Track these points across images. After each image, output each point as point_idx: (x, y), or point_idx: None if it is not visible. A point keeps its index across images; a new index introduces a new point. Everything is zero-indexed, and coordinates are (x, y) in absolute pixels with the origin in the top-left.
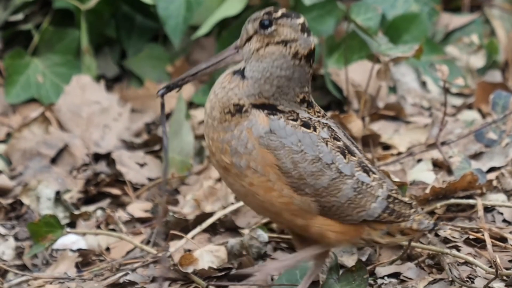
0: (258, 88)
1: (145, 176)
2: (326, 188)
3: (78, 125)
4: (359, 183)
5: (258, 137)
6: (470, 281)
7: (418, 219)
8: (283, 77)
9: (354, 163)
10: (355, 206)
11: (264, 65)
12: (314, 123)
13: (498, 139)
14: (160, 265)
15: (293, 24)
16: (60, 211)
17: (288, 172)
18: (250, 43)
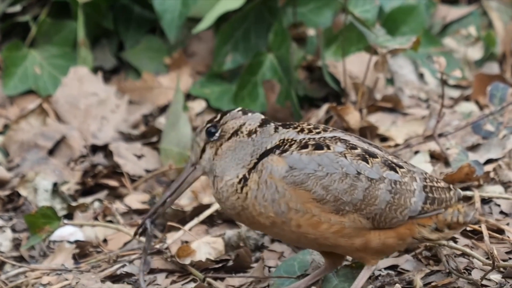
0: (236, 169)
1: (143, 168)
2: (363, 200)
3: (75, 117)
4: (392, 184)
5: (282, 178)
6: (467, 273)
7: (463, 211)
8: (248, 148)
9: (378, 165)
10: (397, 207)
11: (229, 157)
12: (325, 142)
13: (495, 131)
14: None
15: (234, 115)
16: (58, 202)
17: (323, 198)
18: (205, 153)
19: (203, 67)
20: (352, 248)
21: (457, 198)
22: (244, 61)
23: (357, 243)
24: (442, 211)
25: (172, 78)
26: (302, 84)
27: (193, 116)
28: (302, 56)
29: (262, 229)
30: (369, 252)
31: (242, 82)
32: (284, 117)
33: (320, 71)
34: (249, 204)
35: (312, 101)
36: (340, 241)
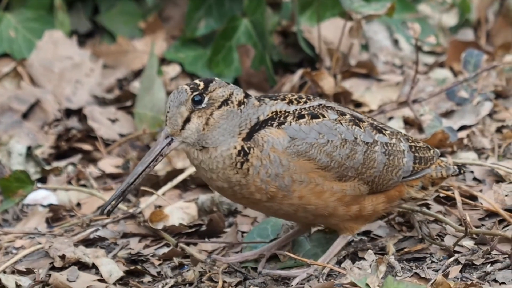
0: (228, 140)
1: (117, 132)
2: (364, 163)
3: (50, 81)
4: (384, 145)
5: (285, 149)
6: (440, 239)
7: (444, 165)
8: (236, 119)
9: (369, 129)
10: (392, 168)
11: (223, 126)
12: (318, 111)
13: (469, 97)
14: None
15: (220, 83)
16: (31, 166)
17: (328, 165)
18: (191, 123)
19: (178, 31)
20: (346, 217)
21: (435, 155)
22: (217, 27)
23: (353, 210)
24: (429, 171)
25: (146, 42)
26: (277, 49)
27: (168, 81)
28: (277, 21)
29: (251, 204)
30: (360, 219)
31: (216, 47)
32: (258, 82)
33: (294, 37)
34: (250, 180)
35: (287, 66)
36: (338, 210)
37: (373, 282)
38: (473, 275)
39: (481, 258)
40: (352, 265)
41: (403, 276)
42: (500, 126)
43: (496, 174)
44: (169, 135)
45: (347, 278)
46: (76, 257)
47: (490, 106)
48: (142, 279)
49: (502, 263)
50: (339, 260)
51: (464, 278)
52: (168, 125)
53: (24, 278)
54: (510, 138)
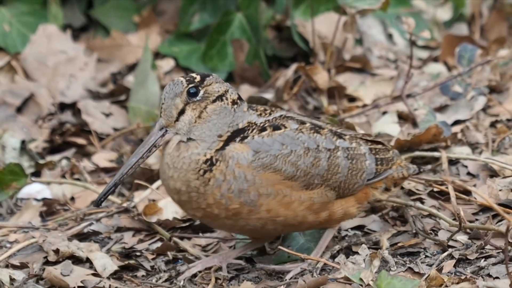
0: (212, 137)
1: (111, 126)
2: (328, 170)
3: (44, 75)
4: (346, 150)
5: (250, 164)
6: (434, 234)
7: (404, 165)
8: (229, 117)
9: (329, 135)
10: (356, 171)
11: (213, 121)
12: (279, 122)
13: (463, 92)
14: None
15: (217, 79)
16: (25, 160)
17: (294, 175)
18: (185, 115)
19: (172, 25)
20: (316, 223)
21: (395, 155)
22: (212, 21)
23: (322, 217)
24: (391, 172)
25: (141, 36)
26: (271, 43)
27: (162, 75)
28: (271, 16)
29: (208, 219)
30: (331, 223)
31: (210, 41)
32: (252, 76)
33: (289, 31)
34: (208, 191)
35: (281, 60)
36: (308, 218)
37: (367, 276)
38: (467, 269)
39: (475, 253)
40: (346, 259)
41: (397, 271)
42: (494, 120)
43: (490, 169)
44: (164, 126)
45: (341, 272)
46: (70, 251)
47: (484, 101)
48: (136, 273)
49: (496, 258)
50: (333, 254)
51: (458, 273)
52: (163, 116)
53: (18, 272)
54: (504, 133)
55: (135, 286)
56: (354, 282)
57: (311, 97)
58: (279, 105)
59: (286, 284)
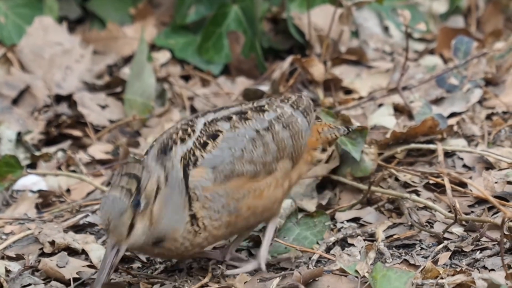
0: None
1: (106, 118)
2: (278, 148)
3: (40, 66)
4: (278, 121)
5: (214, 182)
6: (430, 226)
7: (334, 126)
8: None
9: (255, 115)
10: (297, 134)
11: (168, 212)
12: (211, 130)
13: (459, 84)
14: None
15: (146, 177)
16: (21, 152)
17: (255, 171)
18: (136, 228)
19: (168, 17)
20: (283, 195)
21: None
22: (208, 13)
23: (285, 187)
24: (320, 120)
25: (137, 28)
26: (267, 36)
27: (158, 67)
28: (267, 8)
29: (216, 242)
30: (289, 191)
31: (206, 34)
32: (248, 69)
33: (285, 23)
34: (209, 229)
35: (277, 53)
36: (278, 195)
37: (363, 268)
38: (462, 262)
39: (470, 245)
40: (341, 251)
41: (393, 263)
42: (490, 113)
43: (486, 161)
44: (116, 243)
45: (336, 264)
46: (66, 243)
47: (480, 93)
48: (131, 265)
49: (492, 250)
50: (329, 246)
51: (454, 265)
52: (112, 236)
53: (13, 264)
54: (499, 125)
55: (131, 278)
56: (349, 274)
57: (307, 89)
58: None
59: (282, 276)
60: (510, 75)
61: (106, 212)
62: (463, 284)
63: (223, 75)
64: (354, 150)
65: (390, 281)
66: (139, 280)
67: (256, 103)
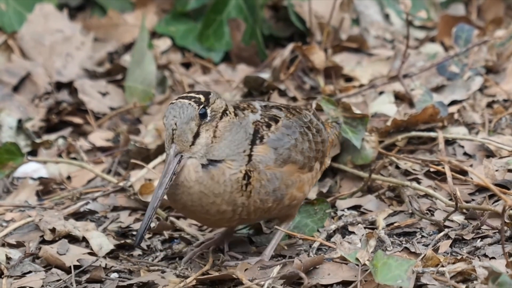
0: (239, 155)
1: (107, 105)
2: (316, 150)
3: (40, 54)
4: (311, 123)
5: (275, 162)
6: (430, 214)
7: (332, 125)
8: (240, 130)
9: (298, 115)
10: (322, 141)
11: (228, 138)
12: (271, 114)
13: (460, 72)
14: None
15: (216, 95)
16: (22, 139)
17: (304, 163)
18: (201, 138)
19: (169, 5)
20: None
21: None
22: (208, 0)
23: (308, 186)
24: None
25: (137, 15)
26: (268, 23)
27: (158, 54)
28: None
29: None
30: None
31: (207, 21)
32: (249, 56)
33: (285, 11)
34: (251, 201)
35: (277, 40)
36: (306, 192)
37: (363, 256)
38: (463, 249)
39: (471, 233)
40: (342, 239)
41: (393, 251)
42: (491, 101)
43: (487, 149)
44: (179, 152)
45: (337, 252)
46: (66, 230)
47: (480, 81)
48: (132, 253)
49: (492, 238)
50: (329, 234)
51: (454, 253)
52: (177, 142)
53: (14, 251)
54: (500, 113)
55: (131, 265)
56: (350, 262)
57: (307, 77)
58: (275, 85)
59: (283, 263)
60: (510, 63)
61: (173, 116)
62: (464, 272)
63: (223, 63)
64: (355, 138)
65: (390, 269)
66: (140, 267)
67: (284, 105)
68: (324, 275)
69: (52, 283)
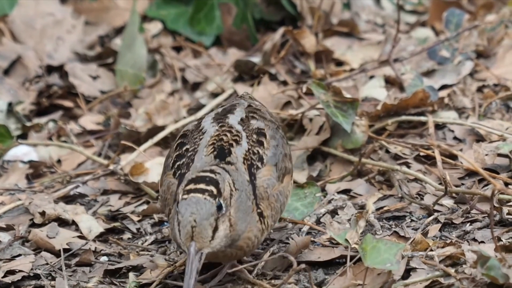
0: (248, 214)
1: (98, 89)
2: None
3: (31, 37)
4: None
5: (278, 179)
6: (420, 198)
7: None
8: (244, 196)
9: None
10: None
11: (242, 215)
12: (255, 128)
13: (450, 56)
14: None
15: (223, 179)
16: (12, 122)
17: (291, 170)
18: (219, 231)
19: None
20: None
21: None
22: None
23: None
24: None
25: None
26: (259, 7)
27: (149, 38)
28: None
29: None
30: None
31: (198, 5)
32: (240, 40)
33: None
34: (269, 228)
35: (268, 24)
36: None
37: (352, 237)
38: (452, 234)
39: (460, 217)
40: (331, 219)
41: (383, 235)
42: (481, 85)
43: (477, 134)
44: (199, 249)
45: (326, 234)
46: (56, 214)
47: (471, 66)
48: (121, 236)
49: (482, 222)
50: (319, 218)
51: (443, 237)
52: (197, 240)
53: (3, 234)
54: (490, 98)
55: (121, 248)
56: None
57: (298, 61)
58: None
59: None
60: (501, 48)
61: (191, 213)
62: (453, 256)
63: (214, 47)
64: (345, 122)
65: (380, 253)
66: (130, 251)
67: (242, 103)
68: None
69: (42, 266)
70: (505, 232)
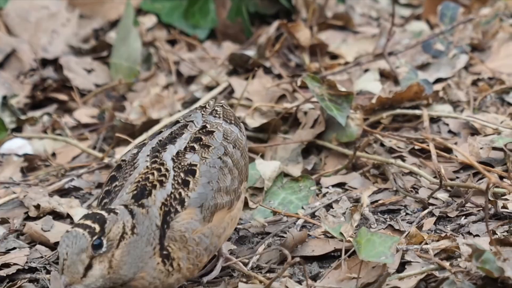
0: (150, 255)
1: (92, 82)
2: (239, 172)
3: (26, 30)
4: (226, 136)
5: (202, 221)
6: (415, 191)
7: None
8: (141, 241)
9: (212, 145)
10: (242, 150)
11: (130, 260)
12: (185, 166)
13: (445, 50)
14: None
15: (113, 219)
16: (7, 116)
17: (232, 201)
18: (94, 270)
19: None
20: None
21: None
22: None
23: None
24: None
25: None
26: (253, 0)
27: (144, 31)
28: None
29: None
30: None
31: None
32: (234, 33)
33: None
34: (184, 270)
35: (263, 17)
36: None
37: (347, 230)
38: (447, 227)
39: (455, 211)
40: (326, 212)
41: (377, 228)
42: (476, 79)
43: (471, 127)
44: (68, 284)
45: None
46: (51, 207)
47: (466, 59)
48: None
49: (476, 216)
50: (314, 211)
51: (438, 231)
52: (66, 274)
53: None
54: (485, 91)
55: None
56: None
57: (293, 54)
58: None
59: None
60: (496, 41)
61: (65, 246)
62: (448, 249)
63: (209, 40)
64: (340, 115)
65: (374, 246)
66: None
67: (196, 123)
68: (308, 252)
69: (37, 259)
70: (500, 225)
